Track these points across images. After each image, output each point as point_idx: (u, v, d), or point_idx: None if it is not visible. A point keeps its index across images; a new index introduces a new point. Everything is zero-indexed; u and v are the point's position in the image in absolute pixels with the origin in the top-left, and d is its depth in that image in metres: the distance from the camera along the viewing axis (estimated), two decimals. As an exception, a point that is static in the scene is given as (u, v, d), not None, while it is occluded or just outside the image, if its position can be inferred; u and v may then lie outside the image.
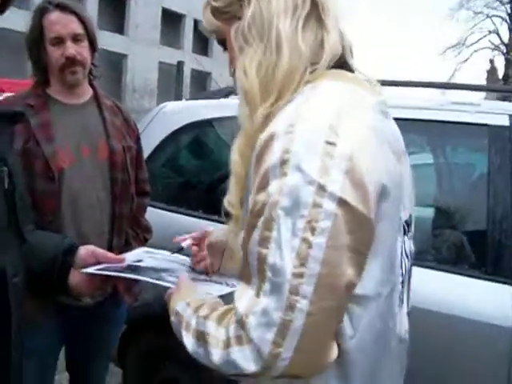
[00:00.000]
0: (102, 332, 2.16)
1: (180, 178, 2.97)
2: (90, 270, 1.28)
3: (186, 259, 1.46)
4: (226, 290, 1.28)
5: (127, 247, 2.13)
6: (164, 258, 1.45)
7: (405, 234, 1.10)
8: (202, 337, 0.98)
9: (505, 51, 28.80)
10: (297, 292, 0.86)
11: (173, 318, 1.08)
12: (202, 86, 22.49)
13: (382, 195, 0.94)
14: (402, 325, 1.12)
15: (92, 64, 2.07)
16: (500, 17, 28.97)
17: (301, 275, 0.86)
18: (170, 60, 17.15)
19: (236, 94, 2.83)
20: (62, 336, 2.04)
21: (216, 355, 0.94)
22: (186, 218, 2.61)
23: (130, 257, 1.41)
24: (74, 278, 1.29)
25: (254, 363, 0.89)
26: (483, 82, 31.41)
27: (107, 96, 2.18)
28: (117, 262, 1.32)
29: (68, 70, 1.94)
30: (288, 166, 0.88)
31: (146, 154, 2.38)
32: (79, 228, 1.92)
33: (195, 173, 2.97)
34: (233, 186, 1.07)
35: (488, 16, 29.09)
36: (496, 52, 29.57)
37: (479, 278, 2.02)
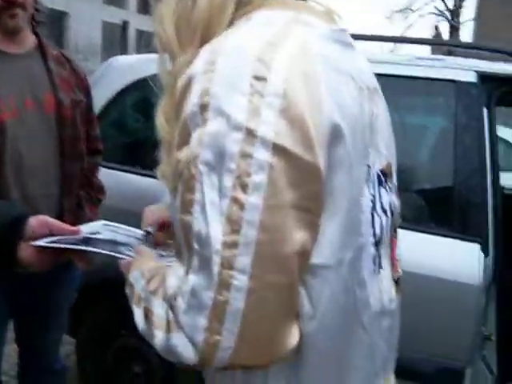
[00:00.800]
0: (53, 299, 2.02)
1: (133, 136, 2.83)
2: (41, 242, 1.15)
3: (143, 232, 1.35)
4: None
5: (79, 209, 2.00)
6: (123, 232, 1.34)
7: (381, 185, 0.92)
8: (147, 314, 0.81)
9: (449, 17, 29.18)
10: (231, 266, 0.69)
11: (127, 291, 0.92)
12: (147, 45, 21.95)
13: (335, 137, 0.75)
14: (384, 293, 0.94)
15: (35, 9, 1.89)
16: (445, -18, 29.29)
17: (234, 244, 0.69)
18: (114, 20, 16.57)
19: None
20: (8, 305, 1.90)
21: (158, 338, 0.77)
22: (141, 178, 2.49)
23: (86, 229, 1.29)
24: (24, 250, 1.16)
25: (192, 353, 0.73)
26: (428, 47, 31.91)
27: (53, 45, 2.01)
28: (72, 234, 1.20)
29: (6, 13, 1.75)
30: (208, 111, 0.71)
31: (95, 110, 2.22)
32: (25, 189, 1.77)
33: (149, 130, 2.83)
34: (164, 154, 0.89)
35: (434, -19, 29.38)
36: (441, 18, 29.92)
37: (447, 236, 1.99)
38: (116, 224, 1.43)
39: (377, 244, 0.91)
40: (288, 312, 0.76)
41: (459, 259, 1.96)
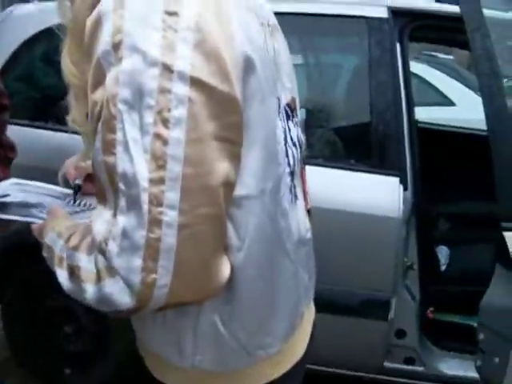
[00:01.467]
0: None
1: (41, 91, 2.68)
2: None
3: (57, 189, 1.28)
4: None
5: (-11, 169, 1.89)
6: (35, 190, 1.27)
7: (288, 119, 0.95)
8: (73, 271, 0.79)
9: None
10: (160, 202, 0.69)
11: (45, 254, 0.90)
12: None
13: (248, 69, 0.77)
14: (301, 223, 0.99)
15: None
16: None
17: (161, 180, 0.69)
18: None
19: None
20: None
21: (89, 291, 0.76)
22: (52, 133, 2.38)
23: None
24: None
25: (128, 296, 0.71)
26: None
27: None
28: None
29: None
30: (122, 49, 0.70)
31: (-2, 64, 2.09)
32: None
33: (57, 84, 2.70)
34: (72, 100, 0.88)
35: None
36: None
37: (366, 171, 2.03)
38: (27, 181, 1.36)
39: (292, 174, 0.95)
40: (218, 245, 0.77)
41: (379, 193, 2.01)
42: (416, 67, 4.85)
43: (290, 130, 0.95)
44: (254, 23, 0.84)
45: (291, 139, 0.95)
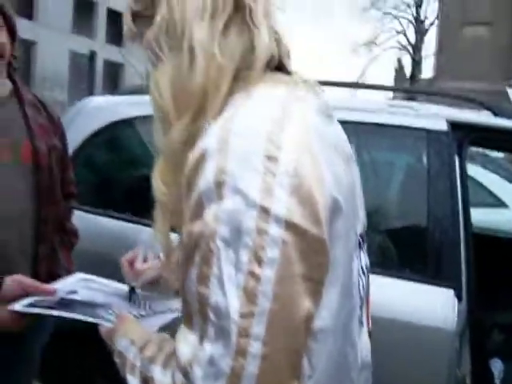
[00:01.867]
0: (22, 343, 1.97)
1: (106, 179, 2.81)
2: (18, 307, 1.13)
3: (123, 288, 1.33)
4: (170, 316, 1.18)
5: (54, 254, 1.97)
6: (101, 288, 1.32)
7: (360, 248, 0.99)
8: (147, 381, 0.85)
9: (411, 51, 30.00)
10: (247, 334, 0.73)
11: (117, 360, 0.95)
12: (115, 77, 21.89)
13: (335, 211, 0.82)
14: (364, 348, 1.01)
15: (12, 55, 1.88)
16: (407, 19, 30.19)
17: (250, 314, 0.73)
18: (82, 49, 16.54)
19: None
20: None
21: None
22: (114, 221, 2.47)
23: (62, 287, 1.27)
24: (0, 313, 1.14)
25: None
26: (391, 80, 32.64)
27: (28, 89, 2.00)
28: (48, 294, 1.18)
29: None
30: (224, 189, 0.75)
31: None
32: (0, 236, 1.73)
33: (122, 173, 2.83)
34: (158, 215, 0.94)
35: (396, 17, 30.21)
36: (404, 52, 30.75)
37: (421, 281, 2.02)
38: (93, 277, 1.41)
39: (361, 304, 0.98)
40: (294, 374, 0.80)
41: (433, 304, 1.98)
42: (468, 168, 4.84)
43: (361, 259, 0.99)
44: (338, 161, 0.89)
45: (361, 268, 0.99)
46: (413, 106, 2.27)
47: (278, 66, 0.96)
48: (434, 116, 2.19)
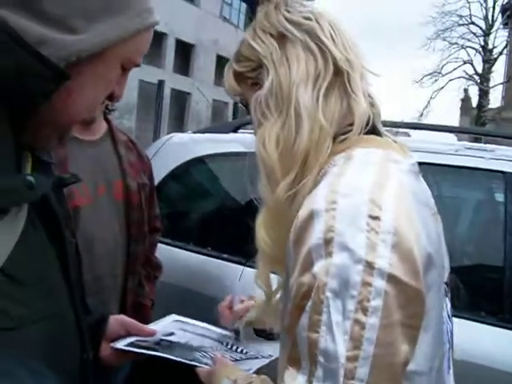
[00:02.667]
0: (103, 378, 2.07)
1: (187, 214, 2.92)
2: (121, 345, 1.21)
3: (217, 330, 1.41)
4: (264, 361, 1.24)
5: (140, 287, 2.08)
6: (196, 330, 1.40)
7: (446, 295, 1.05)
8: None
9: (478, 81, 29.41)
10: (352, 376, 0.81)
11: None
12: (181, 105, 22.45)
13: (429, 264, 0.89)
14: None
15: (108, 98, 2.02)
16: (474, 48, 29.67)
17: (355, 358, 0.81)
18: (151, 79, 17.07)
19: (245, 128, 2.79)
20: None
21: None
22: (194, 255, 2.56)
23: (160, 328, 1.35)
24: (105, 351, 1.23)
25: None
26: (457, 110, 32.05)
27: (121, 130, 2.14)
28: (147, 335, 1.26)
29: None
30: (333, 245, 0.83)
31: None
32: (94, 271, 1.85)
33: (202, 209, 2.93)
34: (260, 263, 1.04)
35: (463, 47, 29.73)
36: (470, 82, 30.18)
37: (496, 325, 2.01)
38: (187, 319, 1.48)
39: (449, 348, 1.05)
40: None
41: (503, 347, 1.97)
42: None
43: (447, 305, 1.05)
44: (428, 216, 0.96)
45: (448, 314, 1.05)
46: (490, 149, 2.27)
47: (371, 129, 1.04)
48: (510, 158, 2.19)
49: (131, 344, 1.22)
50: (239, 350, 1.32)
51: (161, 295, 2.26)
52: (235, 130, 2.79)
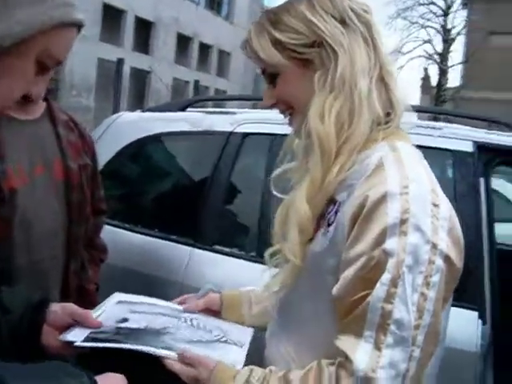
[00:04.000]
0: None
1: (134, 195, 2.85)
2: (79, 342, 1.13)
3: (167, 305, 1.36)
4: (242, 353, 1.20)
5: (83, 270, 2.02)
6: (147, 309, 1.33)
7: None
8: None
9: (438, 60, 29.73)
10: (414, 342, 0.93)
11: None
12: (141, 84, 22.09)
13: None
14: None
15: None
16: (434, 28, 29.93)
17: (418, 327, 0.94)
18: (110, 57, 16.73)
19: (194, 107, 2.73)
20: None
21: None
22: (142, 236, 2.50)
23: (108, 314, 1.27)
24: (51, 340, 1.17)
25: None
26: (418, 89, 32.42)
27: (62, 109, 2.05)
28: (94, 327, 1.19)
29: None
30: (407, 226, 0.95)
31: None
32: (32, 253, 1.78)
33: (152, 189, 2.86)
34: (295, 234, 1.09)
35: (423, 26, 29.97)
36: (430, 61, 30.49)
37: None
38: (130, 298, 1.41)
39: None
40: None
41: (457, 327, 1.97)
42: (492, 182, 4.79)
43: None
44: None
45: None
46: (439, 127, 2.27)
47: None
48: (460, 137, 2.19)
49: (89, 338, 1.14)
50: (201, 325, 1.28)
51: (108, 278, 2.20)
52: (184, 109, 2.73)
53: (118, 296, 1.42)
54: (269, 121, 2.42)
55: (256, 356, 1.22)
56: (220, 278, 2.13)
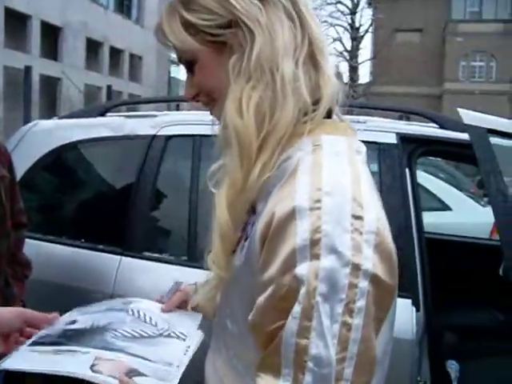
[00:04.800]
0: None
1: (57, 205, 2.73)
2: (12, 366, 1.05)
3: (123, 300, 1.30)
4: (184, 347, 1.15)
5: (7, 287, 1.90)
6: (97, 308, 1.27)
7: None
8: None
9: (348, 58, 30.60)
10: (340, 377, 0.81)
11: None
12: (52, 91, 21.37)
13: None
14: None
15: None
16: (342, 26, 30.78)
17: (343, 360, 0.80)
18: (17, 64, 16.07)
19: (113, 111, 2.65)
20: None
21: None
22: (67, 248, 2.40)
23: (64, 317, 1.21)
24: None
25: None
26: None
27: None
28: (50, 322, 1.14)
29: None
30: (320, 247, 0.81)
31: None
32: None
33: (75, 199, 2.75)
34: (218, 245, 0.96)
35: (332, 25, 30.74)
36: (340, 58, 31.30)
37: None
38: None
39: None
40: None
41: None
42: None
43: None
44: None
45: None
46: (363, 120, 2.31)
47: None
48: (383, 130, 2.24)
49: (34, 343, 1.09)
50: (147, 318, 1.22)
51: (34, 294, 2.09)
52: (103, 114, 2.65)
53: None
54: (192, 122, 2.38)
55: (200, 361, 1.18)
56: (152, 285, 2.07)
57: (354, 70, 30.14)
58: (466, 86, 37.32)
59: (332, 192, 0.84)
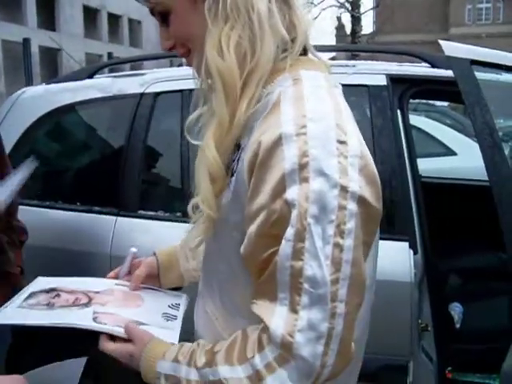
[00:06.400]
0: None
1: (50, 171, 2.72)
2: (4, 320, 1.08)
3: (104, 281, 1.30)
4: (177, 322, 1.16)
5: (2, 254, 1.91)
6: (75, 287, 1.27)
7: None
8: None
9: (350, 8, 29.96)
10: (335, 298, 0.84)
11: (164, 383, 0.97)
12: (52, 62, 21.22)
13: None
14: None
15: None
16: (343, -24, 30.05)
17: (337, 280, 0.84)
18: (15, 38, 15.92)
19: (101, 73, 2.62)
20: None
21: None
22: (63, 212, 2.41)
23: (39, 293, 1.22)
24: None
25: (299, 382, 0.86)
26: (333, 38, 32.72)
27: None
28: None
29: None
30: (308, 171, 0.83)
31: (7, 146, 2.13)
32: None
33: (67, 163, 2.75)
34: (207, 185, 0.97)
35: (332, -25, 30.04)
36: (342, 9, 30.66)
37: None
38: (57, 280, 1.33)
39: None
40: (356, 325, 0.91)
41: (390, 259, 2.01)
42: (414, 119, 4.93)
43: None
44: None
45: None
46: (352, 64, 2.26)
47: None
48: (373, 72, 2.19)
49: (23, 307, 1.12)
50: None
51: (33, 260, 2.11)
52: (91, 76, 2.62)
53: (41, 279, 1.34)
54: (180, 77, 2.35)
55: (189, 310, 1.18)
56: (150, 243, 2.07)
57: (356, 20, 29.54)
58: (473, 29, 36.54)
59: (316, 118, 0.86)
